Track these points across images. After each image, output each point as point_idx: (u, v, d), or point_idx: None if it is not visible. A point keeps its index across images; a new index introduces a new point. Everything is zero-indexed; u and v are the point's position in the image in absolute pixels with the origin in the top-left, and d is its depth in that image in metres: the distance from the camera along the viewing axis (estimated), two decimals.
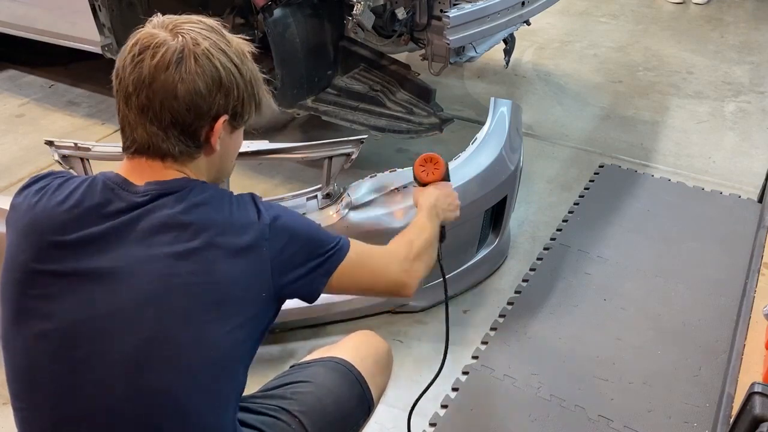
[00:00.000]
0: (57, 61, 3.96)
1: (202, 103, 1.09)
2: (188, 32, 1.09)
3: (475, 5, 2.57)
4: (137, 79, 1.07)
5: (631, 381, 2.00)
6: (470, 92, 3.78)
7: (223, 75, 1.10)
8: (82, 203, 1.09)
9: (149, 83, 1.07)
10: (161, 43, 1.07)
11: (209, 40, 1.10)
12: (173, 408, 1.05)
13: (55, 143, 1.94)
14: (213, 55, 1.09)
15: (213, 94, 1.10)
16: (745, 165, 3.13)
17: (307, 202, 1.97)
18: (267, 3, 2.51)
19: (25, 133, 3.37)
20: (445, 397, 1.95)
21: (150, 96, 1.07)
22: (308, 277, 1.20)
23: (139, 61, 1.07)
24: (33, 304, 1.06)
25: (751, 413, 1.18)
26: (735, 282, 2.32)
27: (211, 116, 1.11)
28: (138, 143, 1.11)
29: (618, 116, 3.57)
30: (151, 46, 1.07)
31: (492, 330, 2.19)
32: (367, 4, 2.44)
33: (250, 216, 1.14)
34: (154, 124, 1.09)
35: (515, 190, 2.40)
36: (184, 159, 1.14)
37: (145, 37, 1.09)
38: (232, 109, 1.13)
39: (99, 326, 1.04)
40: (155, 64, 1.06)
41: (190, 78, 1.07)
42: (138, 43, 1.08)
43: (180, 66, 1.07)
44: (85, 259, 1.06)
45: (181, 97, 1.07)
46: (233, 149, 1.24)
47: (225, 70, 1.10)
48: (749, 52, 4.38)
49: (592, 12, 5.07)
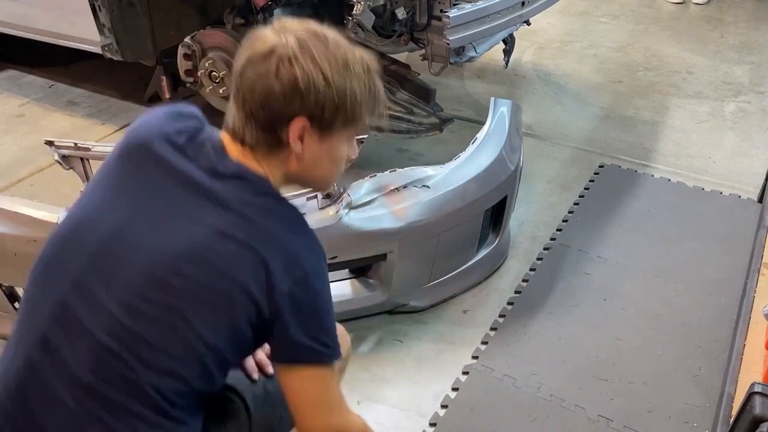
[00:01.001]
0: (57, 61, 3.96)
1: (274, 103, 1.13)
2: (289, 33, 1.14)
3: (475, 5, 2.57)
4: (236, 67, 1.17)
5: (631, 381, 2.00)
6: (470, 92, 3.78)
7: (301, 78, 1.12)
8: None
9: (240, 73, 1.15)
10: (261, 39, 1.15)
11: (303, 43, 1.14)
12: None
13: (55, 143, 1.94)
14: (297, 58, 1.12)
15: (287, 96, 1.13)
16: (745, 165, 3.13)
17: (307, 202, 1.97)
18: (267, 3, 2.51)
19: (25, 133, 3.37)
20: (445, 397, 1.95)
21: (239, 85, 1.15)
22: (284, 341, 1.16)
23: (242, 52, 1.16)
24: None
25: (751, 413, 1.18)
26: (735, 282, 2.32)
27: (287, 116, 1.15)
28: (230, 125, 1.19)
29: (618, 116, 3.57)
30: (254, 39, 1.16)
31: (492, 330, 2.19)
32: (367, 4, 2.44)
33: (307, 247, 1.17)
34: (241, 110, 1.16)
35: (515, 190, 2.41)
36: (262, 152, 1.18)
37: (254, 34, 1.17)
38: (310, 113, 1.15)
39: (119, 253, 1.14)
40: (247, 56, 1.14)
41: (268, 77, 1.12)
42: (248, 38, 1.18)
43: (264, 63, 1.12)
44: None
45: (257, 92, 1.13)
46: (326, 158, 1.23)
47: (303, 73, 1.12)
48: (749, 52, 4.38)
49: (592, 12, 5.07)
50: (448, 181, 2.12)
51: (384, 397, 1.96)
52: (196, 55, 2.82)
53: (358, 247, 2.00)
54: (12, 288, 2.04)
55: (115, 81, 3.74)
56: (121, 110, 3.53)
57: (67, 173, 1.97)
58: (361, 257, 2.05)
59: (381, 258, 2.06)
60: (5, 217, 1.88)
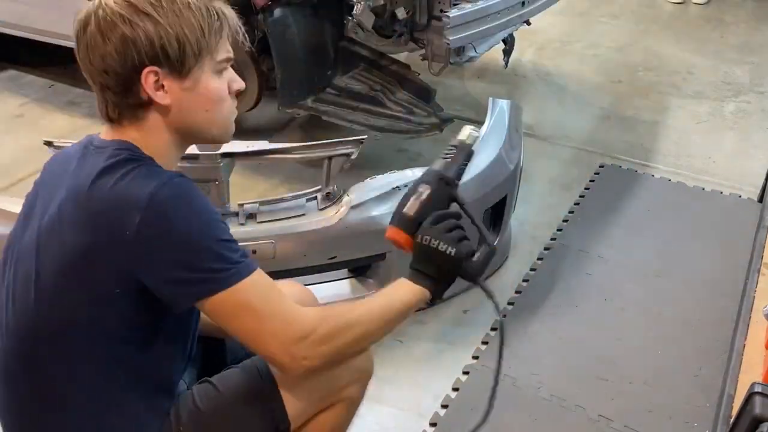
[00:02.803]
0: (57, 61, 3.96)
1: (114, 64, 1.09)
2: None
3: (475, 5, 2.57)
4: (77, 51, 1.13)
5: (631, 381, 2.00)
6: (470, 92, 3.78)
7: (126, 31, 1.07)
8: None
9: (77, 54, 1.12)
10: (78, 13, 1.11)
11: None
12: None
13: (55, 143, 1.94)
14: (114, 10, 1.07)
15: (120, 52, 1.08)
16: (745, 165, 3.13)
17: (306, 203, 1.97)
18: (267, 3, 2.51)
19: (25, 133, 3.36)
20: (445, 397, 1.95)
21: (83, 67, 1.13)
22: (172, 288, 1.07)
23: (80, 36, 1.11)
24: None
25: (751, 413, 1.18)
26: (735, 282, 2.31)
27: (133, 72, 1.09)
28: (98, 107, 1.17)
29: (618, 116, 3.57)
30: (75, 19, 1.11)
31: (492, 330, 2.19)
32: (367, 4, 2.44)
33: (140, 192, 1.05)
34: (95, 89, 1.14)
35: (515, 190, 2.40)
36: (132, 121, 1.14)
37: (83, 12, 1.12)
38: (153, 60, 1.08)
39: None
40: (74, 36, 1.11)
41: (96, 44, 1.08)
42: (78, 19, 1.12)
43: (87, 32, 1.09)
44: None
45: (95, 63, 1.10)
46: (200, 98, 1.15)
47: (127, 24, 1.07)
48: (749, 52, 4.38)
49: (592, 12, 5.07)
50: None
51: (384, 397, 1.96)
52: None
53: (358, 247, 2.00)
54: None
55: None
56: None
57: None
58: (360, 257, 2.05)
59: (380, 257, 2.06)
60: (5, 218, 1.88)
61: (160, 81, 1.10)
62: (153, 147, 1.14)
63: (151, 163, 1.12)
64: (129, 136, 1.14)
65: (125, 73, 1.09)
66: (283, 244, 1.90)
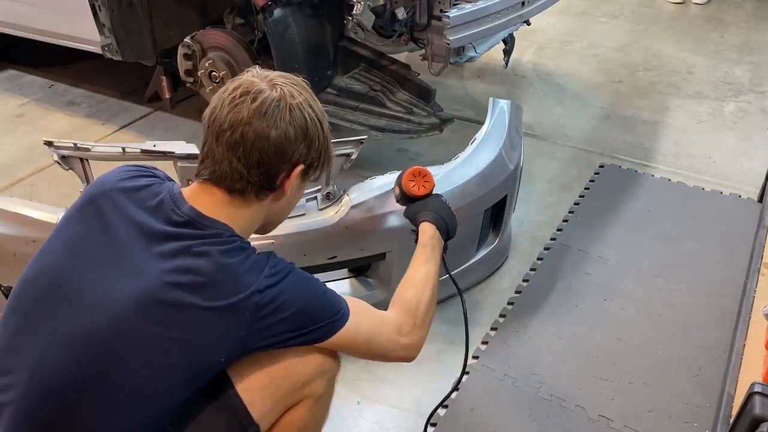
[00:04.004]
0: (57, 61, 3.96)
1: (288, 148, 1.22)
2: (283, 86, 1.23)
3: (475, 5, 2.57)
4: (234, 119, 1.20)
5: (631, 381, 2.00)
6: (470, 92, 3.78)
7: (310, 126, 1.24)
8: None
9: (245, 123, 1.19)
10: (261, 91, 1.21)
11: (302, 96, 1.25)
12: None
13: (54, 144, 1.94)
14: (304, 108, 1.23)
15: (299, 142, 1.23)
16: (745, 165, 3.13)
17: (306, 203, 1.97)
18: (267, 3, 2.50)
19: (25, 133, 3.37)
20: (446, 397, 1.94)
21: (244, 135, 1.19)
22: (285, 343, 1.24)
23: (240, 102, 1.20)
24: None
25: (751, 413, 1.18)
26: (735, 282, 2.32)
27: (292, 162, 1.24)
28: (217, 174, 1.22)
29: (618, 116, 3.57)
30: (252, 92, 1.21)
31: (492, 330, 2.19)
32: (367, 4, 2.44)
33: (250, 280, 1.18)
34: (241, 161, 1.20)
35: (515, 190, 2.40)
36: (251, 198, 1.25)
37: (247, 84, 1.22)
38: (309, 159, 1.27)
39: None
40: (255, 107, 1.19)
41: (283, 125, 1.21)
42: (239, 88, 1.22)
43: (276, 113, 1.20)
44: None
45: (272, 139, 1.20)
46: (294, 201, 1.38)
47: (312, 123, 1.24)
48: (749, 52, 4.38)
49: (592, 12, 5.07)
50: (447, 180, 2.12)
51: (384, 397, 1.96)
52: (196, 55, 2.82)
53: (358, 247, 2.00)
54: (11, 288, 2.04)
55: (115, 81, 3.74)
56: (121, 110, 3.53)
57: (66, 173, 1.97)
58: (360, 257, 2.05)
59: (380, 257, 2.06)
60: (5, 218, 1.88)
61: (292, 177, 1.26)
62: (247, 227, 1.29)
63: (253, 249, 1.24)
64: (226, 212, 1.23)
65: (287, 160, 1.24)
66: (283, 244, 1.89)
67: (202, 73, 2.82)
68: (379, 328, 1.36)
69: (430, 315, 1.45)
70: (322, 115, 1.29)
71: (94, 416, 1.12)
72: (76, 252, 1.19)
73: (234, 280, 1.16)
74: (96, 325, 1.12)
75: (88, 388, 1.12)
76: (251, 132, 1.19)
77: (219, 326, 1.15)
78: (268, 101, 1.20)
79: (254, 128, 1.19)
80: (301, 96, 1.24)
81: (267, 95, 1.21)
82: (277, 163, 1.22)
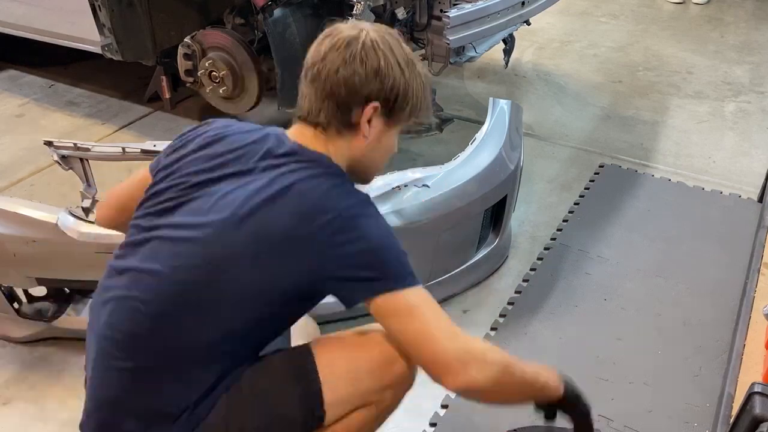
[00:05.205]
0: (57, 61, 3.96)
1: (357, 83, 1.25)
2: (366, 29, 1.29)
3: (475, 5, 2.57)
4: (314, 55, 1.29)
5: (631, 381, 2.00)
6: (470, 92, 3.78)
7: (382, 65, 1.26)
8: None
9: (321, 59, 1.27)
10: (340, 31, 1.29)
11: (381, 37, 1.28)
12: None
13: (54, 143, 1.94)
14: (378, 46, 1.26)
15: (369, 79, 1.25)
16: (745, 165, 3.13)
17: None
18: (267, 3, 2.51)
19: (25, 133, 3.37)
20: (445, 397, 1.94)
21: (320, 70, 1.27)
22: (354, 277, 1.23)
23: (320, 43, 1.29)
24: None
25: (751, 413, 1.18)
26: (735, 282, 2.32)
27: (363, 97, 1.27)
28: (304, 111, 1.31)
29: (618, 116, 3.57)
30: (332, 33, 1.29)
31: (492, 330, 2.19)
32: (367, 4, 2.44)
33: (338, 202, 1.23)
34: (317, 95, 1.28)
35: (515, 190, 2.40)
36: (332, 133, 1.30)
37: (333, 28, 1.31)
38: (384, 98, 1.27)
39: None
40: (330, 44, 1.27)
41: (351, 59, 1.25)
42: (324, 32, 1.31)
43: (348, 48, 1.25)
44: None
45: (341, 73, 1.25)
46: (384, 148, 1.36)
47: (385, 62, 1.26)
48: (749, 52, 4.38)
49: (592, 12, 5.07)
50: (447, 180, 2.12)
51: None
52: (196, 55, 2.82)
53: None
54: (11, 288, 2.04)
55: (115, 81, 3.74)
56: (121, 110, 3.53)
57: (67, 173, 1.97)
58: None
59: None
60: (5, 218, 1.88)
61: (372, 117, 1.29)
62: (342, 161, 1.31)
63: (350, 181, 1.31)
64: (324, 146, 1.30)
65: (358, 95, 1.26)
66: None
67: (202, 73, 2.82)
68: (445, 319, 1.25)
69: (499, 388, 1.28)
70: (408, 60, 1.30)
71: (195, 322, 1.21)
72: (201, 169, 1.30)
73: (324, 198, 1.22)
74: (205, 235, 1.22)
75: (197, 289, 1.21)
76: (325, 67, 1.26)
77: (300, 240, 1.20)
78: (345, 39, 1.26)
79: (327, 63, 1.26)
80: (379, 37, 1.27)
81: (345, 35, 1.27)
82: (348, 97, 1.26)
